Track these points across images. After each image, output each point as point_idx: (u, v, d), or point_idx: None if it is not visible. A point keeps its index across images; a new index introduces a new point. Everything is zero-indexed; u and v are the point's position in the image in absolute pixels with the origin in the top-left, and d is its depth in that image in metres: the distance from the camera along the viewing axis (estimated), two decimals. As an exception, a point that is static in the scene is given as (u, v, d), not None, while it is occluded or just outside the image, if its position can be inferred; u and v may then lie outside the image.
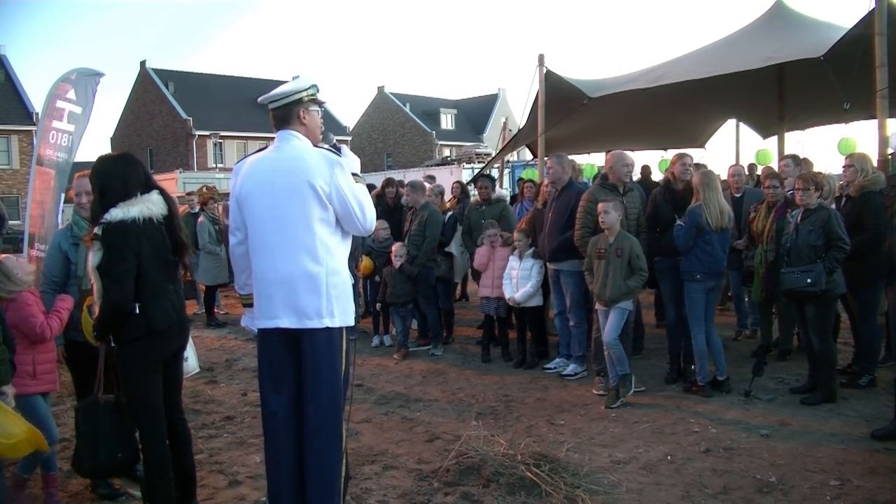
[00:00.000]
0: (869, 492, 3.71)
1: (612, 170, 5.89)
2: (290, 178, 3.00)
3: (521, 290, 6.41)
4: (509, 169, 18.08)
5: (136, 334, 3.15)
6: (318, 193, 2.97)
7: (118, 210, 3.12)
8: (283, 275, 3.01)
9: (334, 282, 3.03)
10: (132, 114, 43.53)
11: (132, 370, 3.19)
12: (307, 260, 2.99)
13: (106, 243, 3.09)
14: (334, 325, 3.03)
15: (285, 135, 3.12)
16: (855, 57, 6.23)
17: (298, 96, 3.13)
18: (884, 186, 5.51)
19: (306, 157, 3.03)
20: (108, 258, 3.09)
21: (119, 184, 3.19)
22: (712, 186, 5.48)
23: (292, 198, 2.99)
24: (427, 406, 5.54)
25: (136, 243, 3.12)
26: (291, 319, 3.00)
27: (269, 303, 3.05)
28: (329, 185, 2.99)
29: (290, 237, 3.00)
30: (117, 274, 3.08)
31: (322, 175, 2.99)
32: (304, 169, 3.00)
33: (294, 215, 2.99)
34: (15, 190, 31.78)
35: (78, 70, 6.94)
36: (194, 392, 5.89)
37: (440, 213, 7.65)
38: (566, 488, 3.73)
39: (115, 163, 3.32)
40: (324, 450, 3.02)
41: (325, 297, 3.00)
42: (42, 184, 6.60)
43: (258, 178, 3.08)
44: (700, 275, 5.42)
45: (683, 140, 12.33)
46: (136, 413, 3.24)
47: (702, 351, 5.45)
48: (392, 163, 45.28)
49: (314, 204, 2.99)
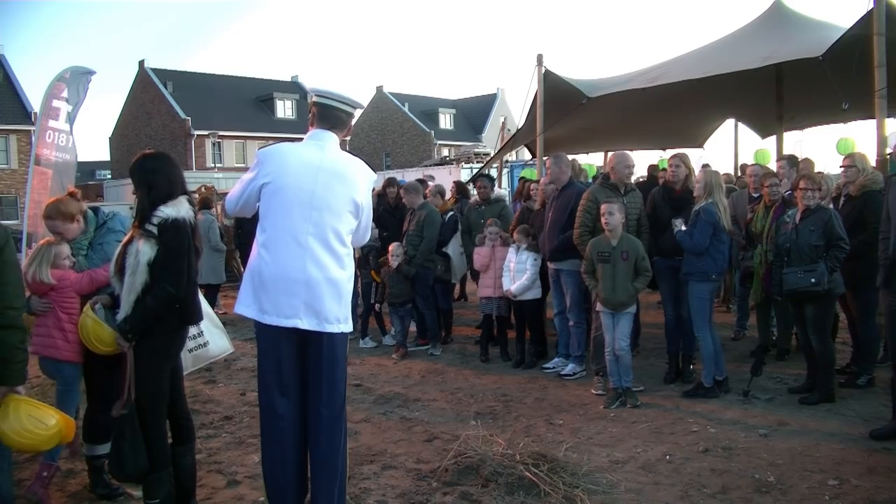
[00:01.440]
0: (867, 491, 3.71)
1: (614, 170, 5.88)
2: (335, 184, 3.06)
3: (517, 282, 6.41)
4: (508, 169, 18.10)
5: (170, 327, 3.28)
6: (357, 207, 3.12)
7: (170, 209, 3.19)
8: (310, 276, 3.01)
9: (349, 289, 3.15)
10: (130, 113, 43.49)
11: (150, 363, 3.26)
12: (335, 266, 3.06)
13: (166, 240, 3.15)
14: (347, 330, 3.15)
15: (330, 136, 3.18)
16: (853, 57, 6.24)
17: (353, 110, 3.28)
18: (882, 186, 5.52)
19: (352, 169, 3.15)
20: (168, 253, 3.16)
21: (165, 182, 3.26)
22: (722, 187, 5.49)
23: (333, 205, 3.05)
24: (425, 406, 5.53)
25: (189, 240, 3.26)
26: (312, 322, 3.01)
27: (288, 301, 2.99)
28: (364, 201, 3.16)
29: (324, 241, 3.04)
30: (179, 268, 3.19)
31: (364, 192, 3.15)
32: (351, 181, 3.12)
33: (331, 222, 3.05)
34: (13, 190, 31.75)
35: (72, 68, 6.95)
36: (193, 392, 5.88)
37: (438, 213, 7.65)
38: (565, 488, 3.72)
39: (162, 161, 3.40)
40: (335, 451, 3.09)
41: (343, 304, 3.11)
42: (40, 183, 6.61)
43: (301, 171, 3.05)
44: (715, 275, 5.43)
45: (682, 140, 12.35)
46: (145, 406, 3.26)
47: (710, 352, 5.44)
48: (391, 162, 45.24)
49: (349, 213, 3.11)
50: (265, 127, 40.55)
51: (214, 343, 4.33)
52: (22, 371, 2.94)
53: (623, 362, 5.34)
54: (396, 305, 7.21)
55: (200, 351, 4.22)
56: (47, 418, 3.10)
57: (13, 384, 2.93)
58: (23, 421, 2.99)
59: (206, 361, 4.45)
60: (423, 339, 7.57)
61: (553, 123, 8.84)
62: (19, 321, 2.90)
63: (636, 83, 8.38)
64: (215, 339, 4.34)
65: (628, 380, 5.36)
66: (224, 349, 4.43)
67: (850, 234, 5.18)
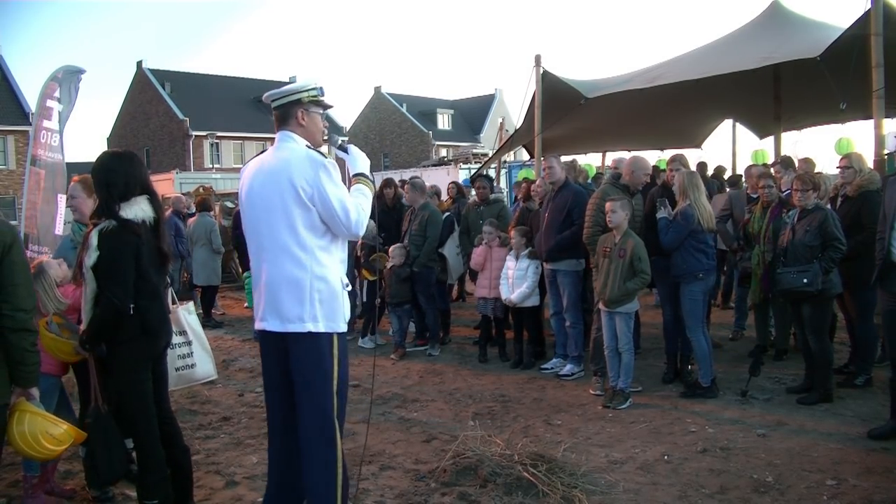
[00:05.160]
0: (865, 491, 3.71)
1: (633, 175, 5.84)
2: (275, 180, 2.97)
3: (517, 290, 6.40)
4: (506, 169, 18.10)
5: (131, 334, 3.16)
6: (299, 195, 2.91)
7: (125, 210, 3.13)
8: (269, 278, 3.00)
9: (319, 287, 2.97)
10: (129, 114, 43.47)
11: (125, 370, 3.20)
12: (291, 264, 2.95)
13: (105, 245, 3.08)
14: (319, 329, 2.97)
15: (282, 136, 3.10)
16: (851, 57, 6.25)
17: (298, 96, 3.09)
18: (880, 186, 5.52)
19: (292, 159, 2.97)
20: (111, 259, 3.08)
21: (121, 181, 3.19)
22: (699, 187, 5.50)
23: (276, 200, 2.95)
24: (424, 406, 5.53)
25: (136, 244, 3.12)
26: (275, 323, 2.99)
27: (258, 305, 3.07)
28: (311, 187, 2.91)
29: (275, 240, 2.97)
30: (120, 276, 3.09)
31: (305, 176, 2.91)
32: (288, 170, 2.94)
33: (279, 219, 2.95)
34: (11, 190, 31.67)
35: (64, 68, 6.94)
36: (191, 393, 5.87)
37: (440, 213, 7.65)
38: (563, 488, 3.72)
39: (120, 159, 3.30)
40: (317, 454, 3.00)
41: (309, 302, 2.95)
42: (36, 184, 6.60)
43: (251, 181, 3.08)
44: (702, 273, 5.43)
45: (680, 140, 12.35)
46: (130, 413, 3.24)
47: (704, 353, 5.45)
48: (389, 163, 45.25)
49: (295, 206, 2.92)
50: (263, 127, 40.53)
51: (201, 367, 4.23)
52: (35, 373, 2.91)
53: (625, 362, 5.35)
54: (394, 305, 7.21)
55: (186, 372, 4.09)
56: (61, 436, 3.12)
57: (27, 386, 2.91)
58: (37, 436, 3.01)
59: (189, 384, 4.32)
60: (421, 339, 7.57)
61: (551, 124, 8.84)
62: (30, 324, 2.84)
63: (634, 83, 8.38)
64: (203, 363, 4.24)
65: (627, 381, 5.36)
66: (208, 374, 4.30)
67: (848, 235, 5.18)
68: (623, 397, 5.33)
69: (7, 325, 2.75)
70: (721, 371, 5.79)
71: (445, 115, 50.05)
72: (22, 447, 3.02)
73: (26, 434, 2.98)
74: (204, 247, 9.42)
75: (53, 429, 3.09)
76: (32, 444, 3.01)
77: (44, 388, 3.54)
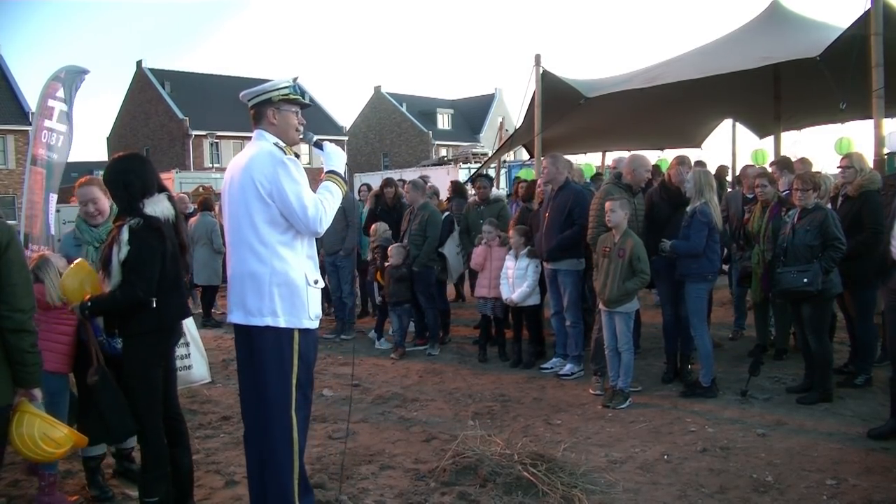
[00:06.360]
0: (865, 491, 3.71)
1: (635, 172, 5.83)
2: (239, 177, 3.06)
3: (518, 290, 6.40)
4: (506, 169, 18.11)
5: (148, 328, 3.22)
6: (258, 191, 2.99)
7: (149, 206, 3.19)
8: (234, 272, 3.11)
9: (279, 282, 3.03)
10: (128, 113, 43.43)
11: (138, 363, 3.23)
12: (252, 259, 3.04)
13: (137, 240, 3.13)
14: (279, 324, 3.04)
15: (256, 134, 3.20)
16: (851, 57, 6.25)
17: (268, 96, 3.16)
18: (880, 186, 5.53)
19: (255, 156, 3.07)
20: (139, 254, 3.13)
21: (139, 181, 3.25)
22: (713, 187, 5.49)
23: (239, 196, 3.05)
24: (424, 406, 5.53)
25: (161, 241, 3.20)
26: (240, 315, 3.09)
27: (229, 298, 3.17)
28: (270, 183, 2.98)
29: (240, 236, 3.07)
30: (148, 272, 3.15)
31: (264, 172, 2.99)
32: (250, 168, 3.03)
33: (241, 214, 3.05)
34: (11, 190, 31.66)
35: (66, 68, 6.94)
36: (191, 392, 5.87)
37: (440, 213, 7.65)
38: (563, 488, 3.72)
39: (134, 160, 3.37)
40: (273, 450, 3.06)
41: (268, 297, 3.02)
42: (36, 183, 6.60)
43: (230, 178, 3.16)
44: (711, 275, 5.44)
45: (680, 140, 12.36)
46: (139, 407, 3.25)
47: (707, 352, 5.44)
48: (389, 163, 45.21)
49: (255, 201, 3.00)
50: (263, 127, 40.49)
51: (197, 369, 4.30)
52: (37, 374, 2.90)
53: (624, 362, 5.34)
54: (394, 305, 7.21)
55: (183, 373, 4.12)
56: (61, 439, 3.12)
57: (29, 386, 2.90)
58: (35, 438, 3.02)
59: (185, 385, 4.38)
60: (421, 339, 7.56)
61: (551, 123, 8.84)
62: (29, 324, 2.81)
63: (634, 83, 8.38)
64: (199, 365, 4.31)
65: (627, 380, 5.36)
66: (203, 377, 4.40)
67: (848, 235, 5.18)
68: (623, 397, 5.33)
69: (5, 326, 2.74)
70: (721, 371, 5.80)
71: (445, 114, 50.02)
72: (21, 449, 3.02)
73: (25, 436, 2.98)
74: (205, 246, 9.41)
75: (53, 432, 3.09)
76: (31, 446, 3.01)
77: (53, 389, 3.59)
